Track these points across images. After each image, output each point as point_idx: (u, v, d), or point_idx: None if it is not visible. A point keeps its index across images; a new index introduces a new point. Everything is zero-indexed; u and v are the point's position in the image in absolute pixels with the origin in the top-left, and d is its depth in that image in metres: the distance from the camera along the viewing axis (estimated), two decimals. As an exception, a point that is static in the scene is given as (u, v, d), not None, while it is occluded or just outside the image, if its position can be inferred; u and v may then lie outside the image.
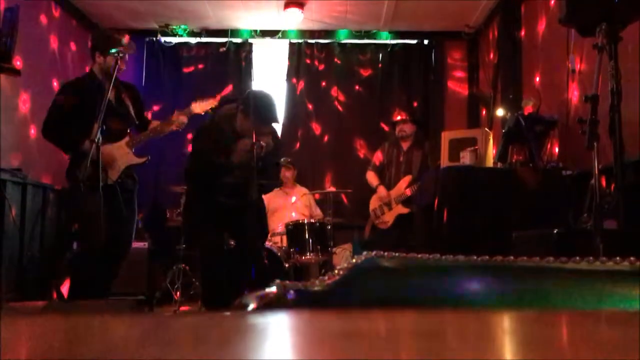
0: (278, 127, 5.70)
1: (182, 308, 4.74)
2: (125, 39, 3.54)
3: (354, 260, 0.73)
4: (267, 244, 4.80)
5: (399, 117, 5.15)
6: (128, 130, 3.65)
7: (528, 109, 4.13)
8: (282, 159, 5.67)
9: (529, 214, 3.23)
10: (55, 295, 4.67)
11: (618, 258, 0.71)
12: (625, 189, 2.21)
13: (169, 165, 6.10)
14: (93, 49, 3.56)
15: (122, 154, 3.54)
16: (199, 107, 3.79)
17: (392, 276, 0.73)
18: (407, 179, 4.94)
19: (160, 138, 3.89)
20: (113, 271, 3.61)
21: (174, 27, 6.30)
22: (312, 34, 6.46)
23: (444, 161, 4.02)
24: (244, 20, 6.19)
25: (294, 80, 6.43)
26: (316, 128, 6.41)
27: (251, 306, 0.66)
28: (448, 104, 6.50)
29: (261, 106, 3.35)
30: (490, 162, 4.00)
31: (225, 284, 3.41)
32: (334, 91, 6.43)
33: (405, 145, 5.08)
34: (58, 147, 3.63)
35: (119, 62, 3.34)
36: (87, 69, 4.08)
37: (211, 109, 3.76)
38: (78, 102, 3.42)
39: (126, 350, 0.46)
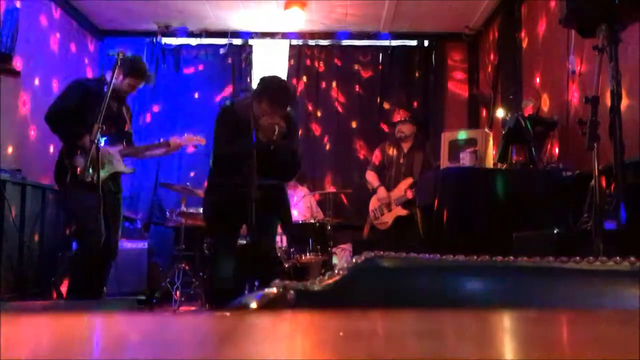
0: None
1: (182, 308, 4.74)
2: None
3: (354, 260, 0.73)
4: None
5: (398, 118, 5.14)
6: (123, 141, 3.91)
7: (528, 109, 4.13)
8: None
9: (529, 215, 3.23)
10: (55, 295, 4.67)
11: (618, 258, 0.71)
12: (625, 189, 2.21)
13: (170, 164, 6.12)
14: (120, 67, 3.68)
15: (113, 159, 3.79)
16: (188, 140, 4.15)
17: (392, 276, 0.73)
18: (407, 181, 4.93)
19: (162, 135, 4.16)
20: (105, 272, 3.78)
21: (174, 28, 6.29)
22: (312, 35, 6.47)
23: (444, 162, 4.02)
24: (244, 21, 6.19)
25: (294, 81, 6.42)
26: (316, 129, 6.41)
27: (251, 306, 0.66)
28: (448, 105, 6.50)
29: (274, 90, 3.34)
30: (490, 162, 3.99)
31: (234, 280, 3.39)
32: (334, 92, 6.43)
33: (405, 147, 5.07)
34: (57, 134, 3.75)
35: (134, 89, 3.91)
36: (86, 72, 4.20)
37: (229, 101, 3.94)
38: (86, 100, 3.63)
39: (126, 350, 0.46)
